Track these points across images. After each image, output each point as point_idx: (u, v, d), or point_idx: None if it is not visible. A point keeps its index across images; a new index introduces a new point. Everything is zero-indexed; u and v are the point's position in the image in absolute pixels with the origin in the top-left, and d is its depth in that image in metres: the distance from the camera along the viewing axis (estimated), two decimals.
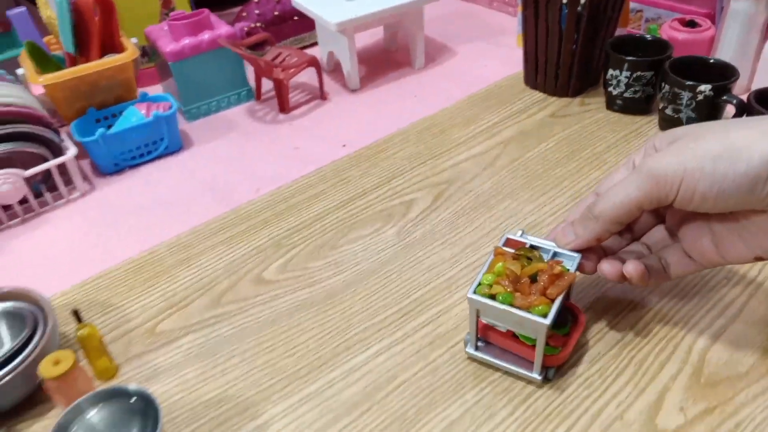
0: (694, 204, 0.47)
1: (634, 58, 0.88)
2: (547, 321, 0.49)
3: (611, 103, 0.95)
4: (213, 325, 0.65)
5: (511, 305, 0.50)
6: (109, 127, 0.94)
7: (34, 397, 0.58)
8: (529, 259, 0.53)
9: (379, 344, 0.61)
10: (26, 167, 0.86)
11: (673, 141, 0.49)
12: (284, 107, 1.08)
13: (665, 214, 0.56)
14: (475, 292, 0.52)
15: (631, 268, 0.53)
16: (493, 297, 0.51)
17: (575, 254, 0.54)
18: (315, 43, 1.24)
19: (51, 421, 0.56)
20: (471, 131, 0.93)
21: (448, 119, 0.97)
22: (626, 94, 0.91)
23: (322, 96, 1.12)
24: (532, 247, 0.56)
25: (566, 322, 0.56)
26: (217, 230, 0.79)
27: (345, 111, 1.08)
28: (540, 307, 0.50)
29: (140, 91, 1.01)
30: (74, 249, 0.81)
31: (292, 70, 1.06)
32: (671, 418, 0.52)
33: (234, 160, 0.97)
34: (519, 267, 0.52)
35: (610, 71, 0.91)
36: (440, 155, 0.88)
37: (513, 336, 0.55)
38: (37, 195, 0.90)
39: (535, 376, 0.54)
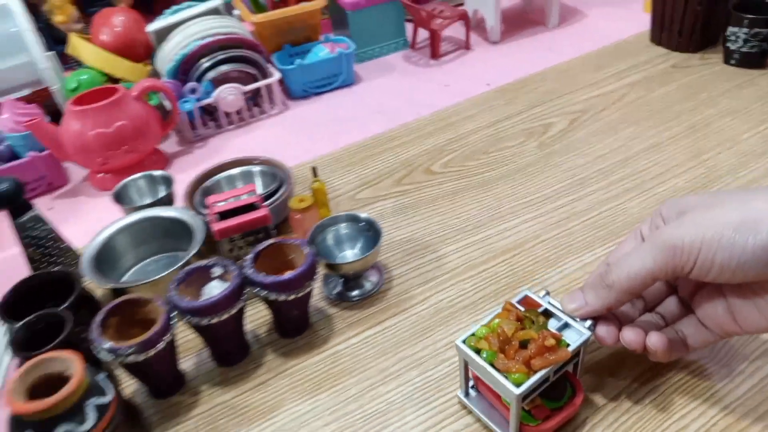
0: (711, 275, 0.45)
1: (753, 16, 1.01)
2: (518, 391, 0.47)
3: (728, 58, 1.08)
4: (397, 197, 0.87)
5: (492, 365, 0.49)
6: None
7: (280, 229, 0.82)
8: (534, 323, 0.51)
9: (525, 216, 0.80)
10: (242, 84, 1.11)
11: (683, 210, 0.48)
12: (436, 53, 1.29)
13: (677, 283, 0.55)
14: (464, 341, 0.51)
15: (655, 339, 0.50)
16: (479, 351, 0.50)
17: (586, 331, 0.51)
18: (461, 4, 1.43)
19: None
20: (601, 75, 1.10)
21: (580, 65, 1.14)
22: (743, 49, 1.04)
23: (467, 46, 1.32)
24: (545, 312, 0.53)
25: (563, 395, 0.53)
26: (392, 138, 1.01)
27: (487, 58, 1.27)
28: (516, 375, 0.47)
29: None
30: (278, 148, 1.06)
31: (446, 21, 1.26)
32: None
33: (396, 93, 1.18)
34: (513, 328, 0.50)
35: (730, 28, 1.04)
36: (574, 92, 1.06)
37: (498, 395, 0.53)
38: (247, 108, 1.15)
39: None
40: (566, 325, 0.52)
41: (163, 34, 1.09)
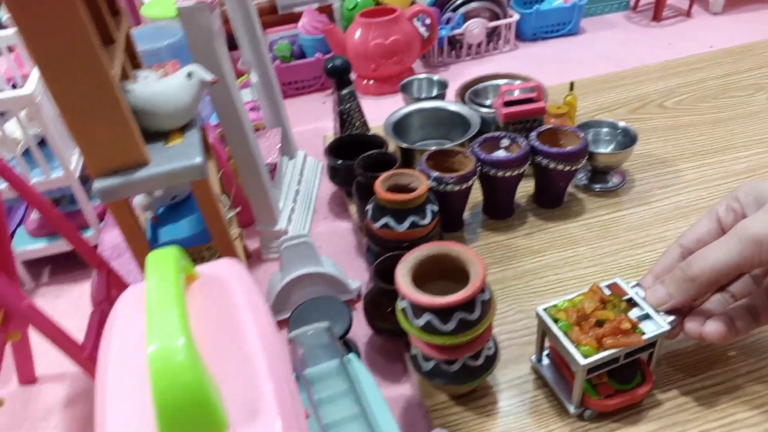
0: None
1: None
2: (584, 362, 0.50)
3: None
4: (632, 122, 0.98)
5: (566, 335, 0.53)
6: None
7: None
8: (615, 307, 0.54)
9: (756, 149, 0.90)
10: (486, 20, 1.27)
11: (762, 198, 0.48)
12: (658, 16, 1.38)
13: None
14: (545, 310, 0.56)
15: (709, 329, 0.51)
16: (557, 321, 0.54)
17: (665, 325, 0.53)
18: None
19: None
20: None
21: None
22: None
23: (688, 14, 1.40)
24: (630, 301, 0.55)
25: (631, 380, 0.55)
26: (623, 77, 1.13)
27: (708, 26, 1.34)
28: (586, 348, 0.51)
29: None
30: None
31: None
32: None
33: (619, 44, 1.30)
34: (593, 307, 0.53)
35: None
36: None
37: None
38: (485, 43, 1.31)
39: (570, 408, 0.56)
40: (647, 316, 0.54)
41: None
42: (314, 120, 1.15)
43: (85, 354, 0.54)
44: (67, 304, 0.84)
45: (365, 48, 1.14)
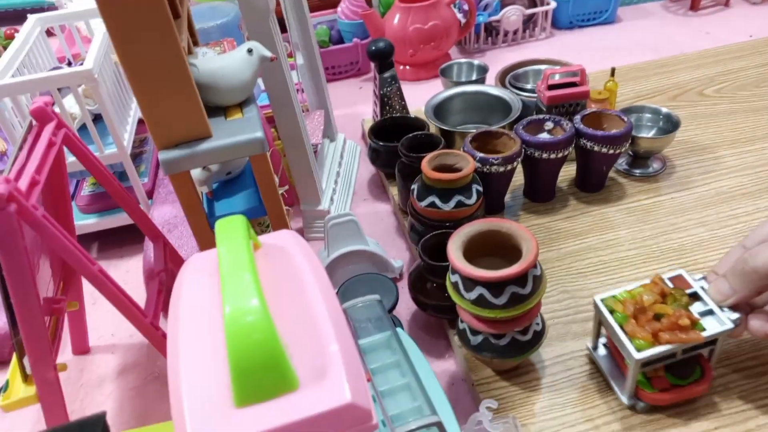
0: None
1: None
2: (638, 356, 0.50)
3: None
4: (671, 109, 0.98)
5: (621, 327, 0.52)
6: None
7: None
8: (676, 301, 0.53)
9: None
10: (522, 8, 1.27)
11: None
12: (696, 5, 1.37)
13: None
14: (603, 300, 0.55)
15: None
16: (613, 312, 0.54)
17: (729, 323, 0.51)
18: None
19: None
20: None
21: None
22: None
23: (726, 3, 1.38)
24: (693, 295, 0.54)
25: (688, 375, 0.54)
26: (661, 65, 1.12)
27: (747, 15, 1.33)
28: (641, 342, 0.50)
29: None
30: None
31: None
32: None
33: (656, 33, 1.29)
34: (652, 300, 0.52)
35: None
36: None
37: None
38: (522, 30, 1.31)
39: (623, 398, 0.56)
40: (710, 312, 0.52)
41: None
42: (351, 104, 1.17)
43: (148, 320, 0.56)
44: (115, 278, 0.86)
45: (404, 33, 1.15)
